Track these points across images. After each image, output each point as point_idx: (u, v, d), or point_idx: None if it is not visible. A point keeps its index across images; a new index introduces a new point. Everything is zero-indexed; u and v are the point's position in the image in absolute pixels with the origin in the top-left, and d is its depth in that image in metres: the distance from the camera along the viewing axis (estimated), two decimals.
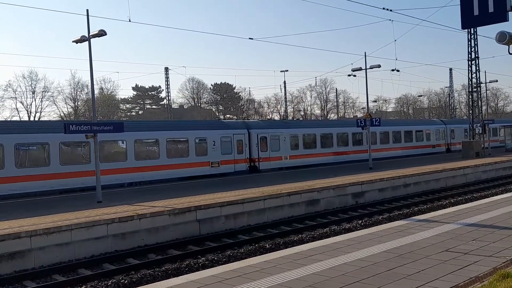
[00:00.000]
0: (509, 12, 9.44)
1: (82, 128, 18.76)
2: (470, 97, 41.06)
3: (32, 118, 64.96)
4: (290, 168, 33.54)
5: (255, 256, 11.48)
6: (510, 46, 9.90)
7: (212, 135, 29.88)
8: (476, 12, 9.76)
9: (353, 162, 37.34)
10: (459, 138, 49.15)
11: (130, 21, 24.69)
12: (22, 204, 19.52)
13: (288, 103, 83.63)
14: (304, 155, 35.07)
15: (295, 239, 15.05)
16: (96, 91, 55.01)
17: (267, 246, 14.18)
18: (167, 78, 67.74)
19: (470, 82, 40.23)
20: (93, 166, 22.87)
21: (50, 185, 23.32)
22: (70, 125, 18.75)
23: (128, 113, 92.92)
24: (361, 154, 38.88)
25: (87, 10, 18.56)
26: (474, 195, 23.62)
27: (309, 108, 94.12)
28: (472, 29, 37.47)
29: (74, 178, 23.91)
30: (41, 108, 67.73)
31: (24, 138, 23.03)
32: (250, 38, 33.64)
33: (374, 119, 31.23)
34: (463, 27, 10.58)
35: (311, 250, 9.35)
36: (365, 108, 53.79)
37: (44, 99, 67.77)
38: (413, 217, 14.11)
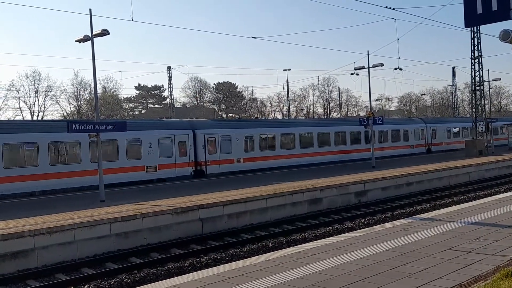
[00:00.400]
0: None
1: (85, 127, 18.80)
2: (473, 95, 41.00)
3: (35, 118, 65.16)
4: (244, 172, 30.52)
5: (258, 255, 11.50)
6: None
7: (148, 136, 26.82)
8: (479, 10, 9.72)
9: (319, 165, 34.23)
10: (442, 138, 47.02)
11: (133, 20, 24.70)
12: (25, 203, 19.57)
13: (290, 102, 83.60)
14: (260, 157, 31.91)
15: (298, 238, 15.04)
16: (99, 91, 55.18)
17: (270, 245, 14.17)
18: (169, 77, 67.87)
19: (473, 81, 40.19)
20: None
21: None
22: (73, 124, 18.78)
23: (131, 112, 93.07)
24: (329, 156, 36.13)
25: (90, 10, 18.60)
26: (477, 193, 23.56)
27: (311, 107, 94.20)
28: (475, 27, 37.42)
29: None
30: (44, 108, 68.10)
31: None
32: (252, 37, 33.76)
33: (377, 118, 31.16)
34: (466, 26, 10.54)
35: (314, 249, 9.34)
36: (367, 106, 53.70)
37: (47, 99, 68.16)
38: (416, 216, 14.08)
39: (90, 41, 18.77)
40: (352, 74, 38.19)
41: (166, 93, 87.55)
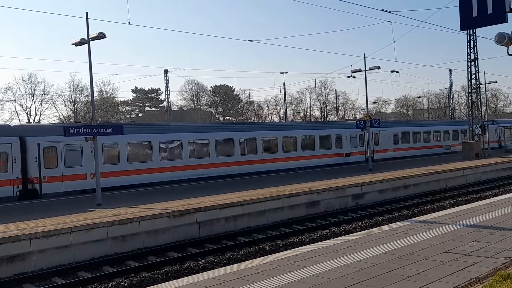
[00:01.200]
0: (508, 13, 9.46)
1: (81, 130, 18.77)
2: (470, 98, 41.12)
3: (31, 121, 65.02)
4: (104, 190, 21.31)
5: (255, 258, 11.47)
6: (509, 47, 9.92)
7: None
8: (475, 14, 9.78)
9: (215, 179, 28.50)
10: (387, 144, 42.29)
11: (129, 23, 24.82)
12: (21, 206, 19.51)
13: (287, 105, 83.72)
14: (128, 171, 25.98)
15: (295, 240, 15.03)
16: (95, 94, 55.02)
17: (267, 248, 14.15)
18: (166, 80, 67.95)
19: (469, 83, 40.31)
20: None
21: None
22: (70, 128, 18.75)
23: (128, 116, 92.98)
24: (232, 168, 30.33)
25: (87, 13, 18.58)
26: (474, 196, 23.59)
27: (308, 109, 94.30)
28: (471, 30, 37.57)
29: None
30: (41, 111, 68.04)
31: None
32: (249, 40, 33.29)
33: (373, 121, 31.27)
34: (462, 28, 10.61)
35: (311, 251, 9.33)
36: (364, 109, 53.80)
37: (43, 102, 68.08)
38: (413, 218, 14.09)
39: (86, 44, 18.75)
40: (349, 77, 38.43)
41: (163, 96, 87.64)
